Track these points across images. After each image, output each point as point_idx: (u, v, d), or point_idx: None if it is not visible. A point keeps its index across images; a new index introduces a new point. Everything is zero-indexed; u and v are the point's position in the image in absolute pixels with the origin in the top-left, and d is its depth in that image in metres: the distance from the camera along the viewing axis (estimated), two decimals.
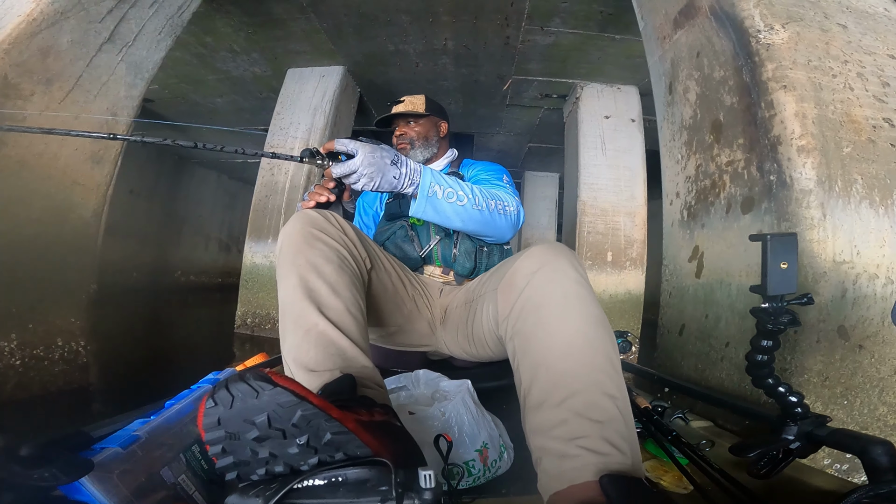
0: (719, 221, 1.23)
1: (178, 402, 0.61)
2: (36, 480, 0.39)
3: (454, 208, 0.77)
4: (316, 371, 0.53)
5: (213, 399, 0.35)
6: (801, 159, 0.97)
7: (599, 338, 0.50)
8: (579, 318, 0.51)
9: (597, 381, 0.47)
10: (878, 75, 1.09)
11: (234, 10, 2.99)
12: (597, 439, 0.44)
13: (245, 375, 0.35)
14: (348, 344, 0.56)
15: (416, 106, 1.06)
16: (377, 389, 0.54)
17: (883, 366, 0.93)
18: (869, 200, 0.96)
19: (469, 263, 0.93)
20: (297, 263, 0.61)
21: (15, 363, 1.47)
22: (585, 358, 0.49)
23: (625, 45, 3.16)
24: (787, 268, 0.61)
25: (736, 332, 1.13)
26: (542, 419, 0.47)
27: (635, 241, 3.52)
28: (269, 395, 0.35)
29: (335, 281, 0.61)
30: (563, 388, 0.47)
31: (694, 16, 1.40)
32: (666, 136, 1.55)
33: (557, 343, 0.50)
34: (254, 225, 3.49)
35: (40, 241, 1.55)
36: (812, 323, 0.93)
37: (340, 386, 0.50)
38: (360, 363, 0.56)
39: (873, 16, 1.23)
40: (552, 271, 0.54)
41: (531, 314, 0.53)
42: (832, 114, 1.01)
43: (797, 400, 0.63)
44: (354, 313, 0.60)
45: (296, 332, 0.57)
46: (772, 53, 1.09)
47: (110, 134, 0.69)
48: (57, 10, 1.50)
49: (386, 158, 0.70)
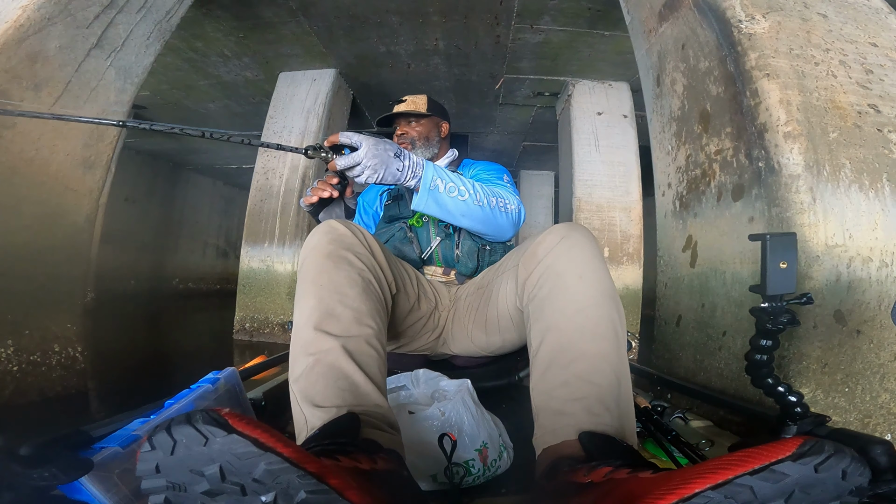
0: (711, 210, 1.23)
1: (177, 402, 0.61)
2: (36, 480, 0.38)
3: (455, 203, 0.77)
4: (322, 406, 0.48)
5: (150, 442, 0.30)
6: (787, 145, 0.97)
7: (608, 310, 0.53)
8: (592, 289, 0.53)
9: (601, 349, 0.50)
10: (860, 63, 1.10)
11: (223, 15, 2.99)
12: (593, 401, 0.47)
13: (193, 416, 0.29)
14: (363, 378, 0.50)
15: (417, 105, 1.06)
16: (388, 433, 0.48)
17: (882, 351, 0.92)
18: (858, 184, 0.96)
19: (472, 263, 0.92)
20: (320, 283, 0.56)
21: (12, 369, 1.46)
22: (593, 326, 0.51)
23: (615, 42, 3.17)
24: (786, 267, 0.61)
25: (732, 321, 1.13)
26: (547, 379, 0.51)
27: (631, 237, 3.53)
28: (222, 442, 0.29)
29: (359, 307, 0.56)
30: (568, 352, 0.50)
31: (678, 8, 1.41)
32: (656, 128, 1.55)
33: (569, 309, 0.53)
34: (250, 229, 3.48)
35: (33, 248, 1.54)
36: (808, 308, 0.93)
37: (341, 426, 0.44)
38: (374, 401, 0.50)
39: (853, 5, 1.24)
40: (572, 245, 0.56)
41: (548, 281, 0.56)
42: (816, 100, 1.01)
43: (796, 399, 0.63)
44: (375, 345, 0.55)
45: (305, 361, 0.51)
46: (754, 43, 1.10)
47: (119, 121, 0.69)
48: (44, 15, 1.49)
49: (389, 151, 0.70)
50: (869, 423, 0.93)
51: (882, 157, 1.00)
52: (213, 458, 0.30)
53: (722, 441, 0.81)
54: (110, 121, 0.68)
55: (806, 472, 0.27)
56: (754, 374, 0.66)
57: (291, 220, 3.42)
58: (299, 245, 3.39)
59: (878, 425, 0.94)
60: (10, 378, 1.44)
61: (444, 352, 0.89)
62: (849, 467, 0.27)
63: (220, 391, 0.68)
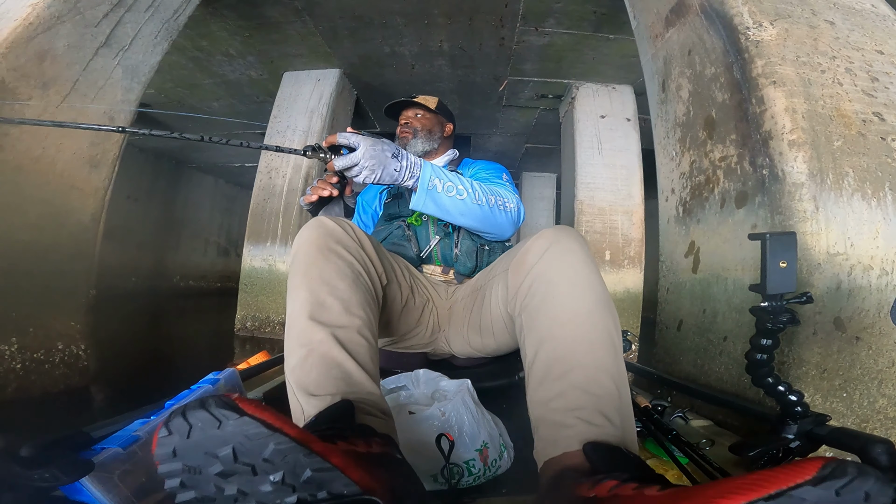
0: (714, 216, 1.24)
1: (177, 403, 0.61)
2: (36, 481, 0.38)
3: (454, 202, 0.77)
4: (316, 395, 0.49)
5: (167, 427, 0.31)
6: (792, 153, 0.98)
7: (602, 317, 0.52)
8: (585, 296, 0.52)
9: (597, 358, 0.49)
10: (866, 70, 1.10)
11: (229, 14, 3.00)
12: (592, 411, 0.46)
13: (207, 402, 0.31)
14: (354, 367, 0.52)
15: (427, 102, 1.09)
16: (381, 418, 0.50)
17: (881, 357, 0.93)
18: (861, 193, 0.97)
19: (470, 262, 0.93)
20: (310, 276, 0.57)
21: (15, 367, 1.47)
22: (588, 335, 0.50)
23: (619, 45, 3.18)
24: (786, 267, 0.61)
25: (733, 327, 1.14)
26: (543, 391, 0.50)
27: (633, 240, 3.53)
28: (234, 425, 0.31)
29: (348, 298, 0.57)
30: (564, 362, 0.49)
31: (685, 14, 1.42)
32: (660, 134, 1.56)
33: (562, 319, 0.52)
34: (252, 229, 3.50)
35: (39, 246, 1.55)
36: (808, 315, 0.94)
37: (336, 413, 0.46)
38: (366, 389, 0.51)
39: (860, 12, 1.25)
40: (562, 251, 0.55)
41: (539, 290, 0.55)
42: (822, 108, 1.02)
43: (797, 399, 0.63)
44: (366, 334, 0.56)
45: (299, 351, 0.53)
46: (761, 50, 1.10)
47: (119, 127, 0.70)
48: (53, 14, 1.50)
49: (387, 151, 0.70)
50: (866, 427, 0.94)
51: (885, 165, 1.01)
52: (227, 440, 0.31)
53: (722, 441, 0.81)
54: (110, 127, 0.69)
55: (827, 496, 0.25)
56: (754, 373, 0.66)
57: (294, 219, 3.43)
58: None
59: (876, 429, 0.95)
60: (13, 376, 1.46)
61: (443, 351, 0.89)
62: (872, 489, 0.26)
63: (220, 391, 0.68)
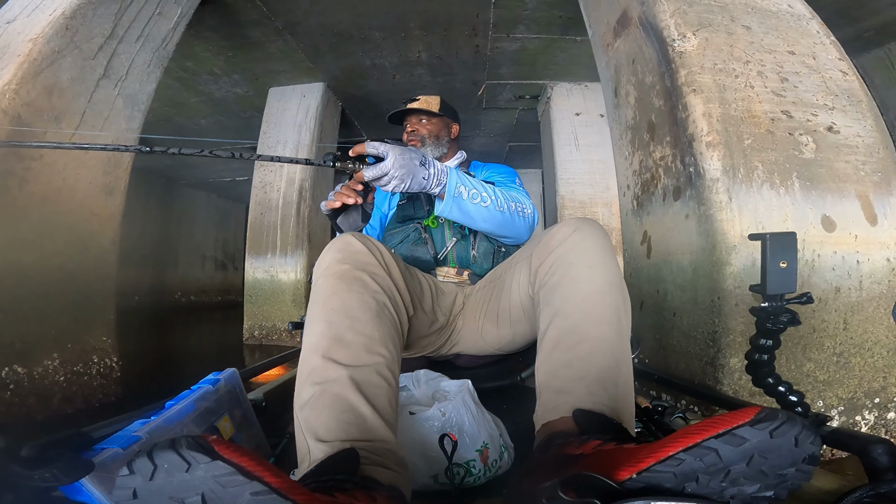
0: (659, 208, 1.41)
1: (178, 403, 0.60)
2: (37, 481, 0.38)
3: (478, 209, 0.79)
4: (326, 441, 0.46)
5: (129, 467, 0.28)
6: (709, 153, 1.15)
7: (613, 297, 0.55)
8: (600, 278, 0.56)
9: (603, 333, 0.53)
10: (777, 72, 1.28)
11: (212, 36, 3.11)
12: (591, 381, 0.50)
13: (178, 441, 0.29)
14: (370, 412, 0.48)
15: (430, 105, 1.06)
16: (393, 470, 0.45)
17: (801, 324, 1.10)
18: (769, 183, 1.14)
19: (487, 264, 0.92)
20: (330, 307, 0.54)
21: (59, 380, 1.61)
22: (598, 312, 0.54)
23: (587, 46, 3.32)
24: (786, 267, 0.60)
25: (679, 304, 1.32)
26: (551, 359, 0.54)
27: (614, 230, 3.71)
28: (205, 468, 0.28)
29: (370, 333, 0.53)
30: (573, 334, 0.53)
31: (628, 25, 1.58)
32: (615, 136, 1.73)
33: (577, 296, 0.56)
34: (252, 242, 3.65)
35: (67, 270, 1.69)
36: (729, 289, 1.12)
37: (338, 462, 0.42)
38: (380, 436, 0.47)
39: (776, 14, 1.40)
40: (583, 237, 0.59)
41: (559, 270, 0.59)
42: (734, 111, 1.19)
43: (797, 399, 0.63)
44: (386, 375, 0.52)
45: (311, 389, 0.49)
46: (684, 60, 1.27)
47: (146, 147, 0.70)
48: (53, 49, 1.61)
49: (415, 160, 0.70)
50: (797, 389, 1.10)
51: (793, 158, 1.18)
52: (196, 486, 0.28)
53: None
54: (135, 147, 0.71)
55: (762, 437, 0.29)
56: (755, 373, 0.65)
57: (292, 230, 3.58)
58: (301, 254, 3.55)
59: (808, 391, 1.11)
60: (57, 388, 1.59)
61: (449, 352, 0.88)
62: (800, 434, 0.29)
63: (220, 392, 0.67)
